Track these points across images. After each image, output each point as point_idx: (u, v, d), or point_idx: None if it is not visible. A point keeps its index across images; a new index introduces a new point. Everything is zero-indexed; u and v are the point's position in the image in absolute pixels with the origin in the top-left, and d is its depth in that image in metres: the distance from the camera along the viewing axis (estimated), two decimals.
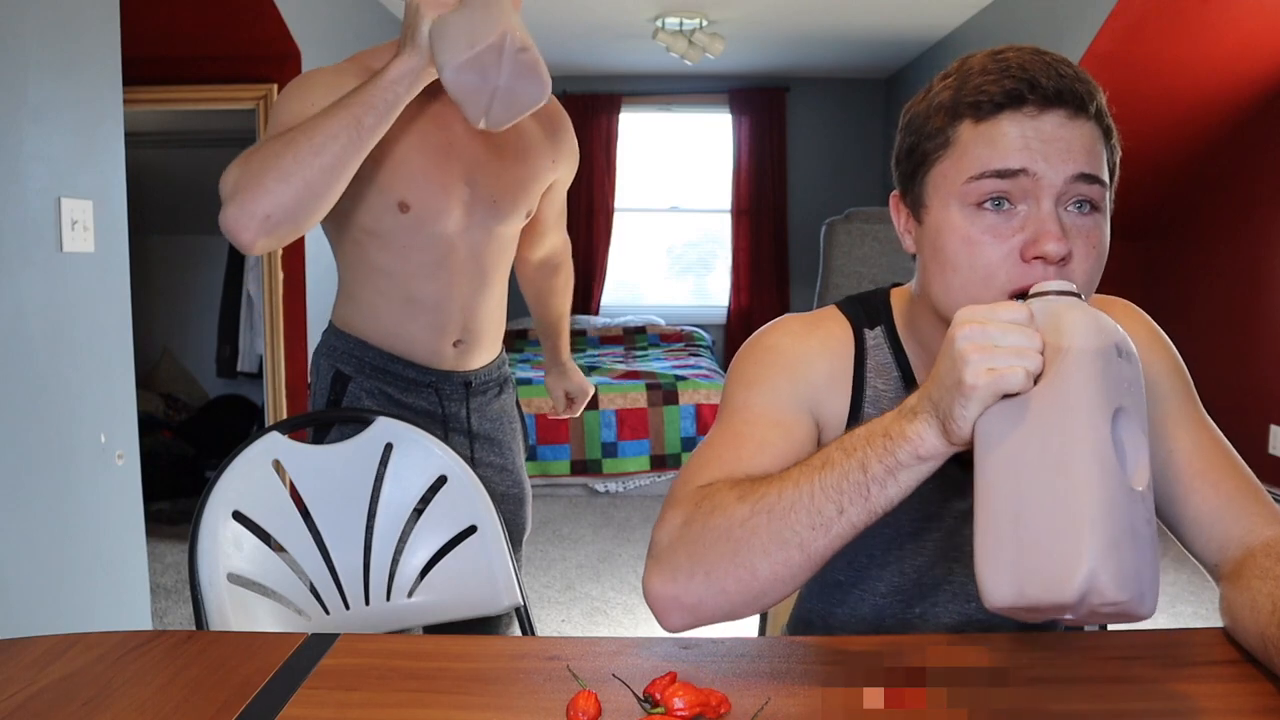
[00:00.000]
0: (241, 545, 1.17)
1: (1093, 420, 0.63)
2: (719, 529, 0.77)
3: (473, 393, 1.52)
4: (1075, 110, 0.78)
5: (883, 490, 0.72)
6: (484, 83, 1.18)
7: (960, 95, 0.81)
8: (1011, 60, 0.79)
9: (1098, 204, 0.80)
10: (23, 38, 1.75)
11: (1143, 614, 0.64)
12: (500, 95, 1.21)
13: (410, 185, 1.35)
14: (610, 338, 5.65)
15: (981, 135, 0.79)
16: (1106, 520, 0.62)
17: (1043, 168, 0.77)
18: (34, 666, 0.80)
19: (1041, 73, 0.78)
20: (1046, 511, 0.63)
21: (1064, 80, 0.78)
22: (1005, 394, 0.65)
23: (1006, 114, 0.78)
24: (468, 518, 1.29)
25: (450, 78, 1.17)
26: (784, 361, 0.92)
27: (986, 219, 0.79)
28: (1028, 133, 0.78)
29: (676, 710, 0.69)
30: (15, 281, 1.75)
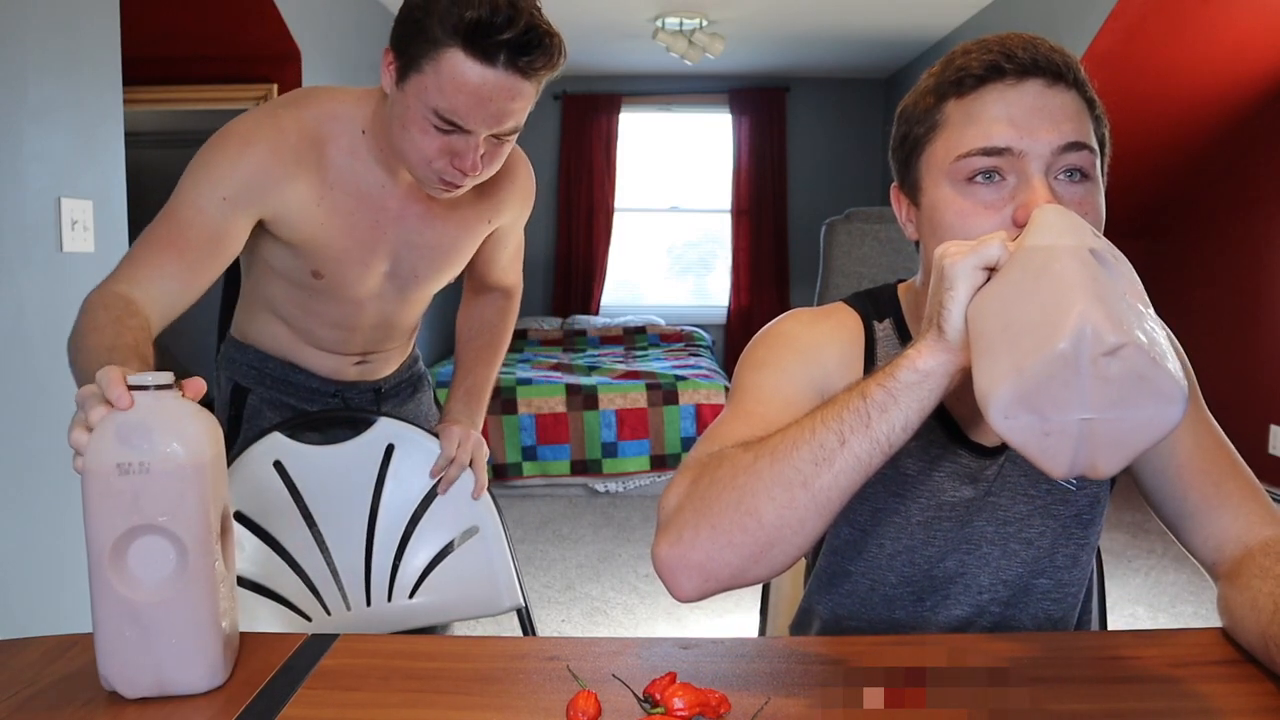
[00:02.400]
0: (243, 546, 1.17)
1: (1067, 241, 0.64)
2: (724, 480, 0.75)
3: (383, 397, 1.47)
4: (1053, 78, 0.81)
5: (884, 414, 0.70)
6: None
7: (944, 76, 0.85)
8: (990, 39, 0.84)
9: (1088, 172, 0.82)
10: (23, 38, 1.75)
11: (1160, 373, 0.58)
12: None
13: (328, 262, 1.25)
14: (610, 338, 5.65)
15: (965, 111, 0.83)
16: (1093, 288, 0.60)
17: (1028, 143, 0.80)
18: (34, 667, 0.80)
19: (1018, 46, 0.82)
20: (1036, 311, 0.61)
21: (1039, 51, 0.81)
22: (986, 267, 0.67)
23: (987, 86, 0.82)
24: (469, 519, 1.29)
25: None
26: (795, 345, 0.93)
27: (978, 192, 0.82)
28: (1011, 104, 0.81)
29: (676, 710, 0.69)
30: (15, 281, 1.75)
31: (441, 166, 1.11)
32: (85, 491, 0.72)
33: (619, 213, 6.11)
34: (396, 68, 1.10)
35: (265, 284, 1.33)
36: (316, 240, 1.22)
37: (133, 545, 0.73)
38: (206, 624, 0.75)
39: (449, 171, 1.12)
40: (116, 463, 0.71)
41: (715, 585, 0.76)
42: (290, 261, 1.26)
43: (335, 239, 1.23)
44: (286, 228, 1.20)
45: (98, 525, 0.72)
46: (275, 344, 1.39)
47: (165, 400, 0.74)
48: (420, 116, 1.08)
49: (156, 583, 0.73)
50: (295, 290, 1.31)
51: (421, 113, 1.08)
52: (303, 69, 3.27)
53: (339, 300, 1.31)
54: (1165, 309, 0.80)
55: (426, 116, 1.08)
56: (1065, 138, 0.80)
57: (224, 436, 1.11)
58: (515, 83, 1.06)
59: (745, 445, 0.78)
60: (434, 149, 1.10)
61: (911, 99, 0.88)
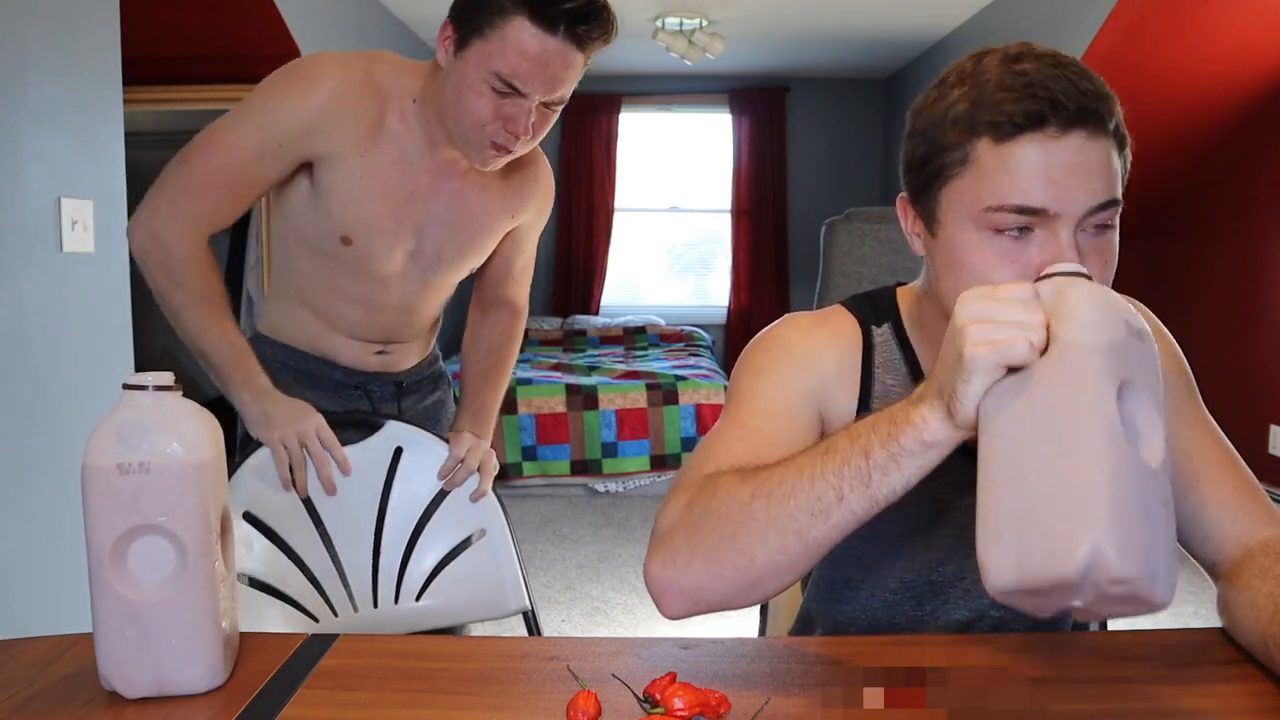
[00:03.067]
0: (252, 546, 1.17)
1: (1097, 390, 0.60)
2: (719, 512, 0.76)
3: (404, 392, 1.50)
4: (1095, 128, 0.76)
5: (884, 477, 0.69)
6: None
7: (978, 111, 0.77)
8: (1031, 74, 0.76)
9: (1112, 223, 0.79)
10: (23, 38, 1.75)
11: (1156, 597, 0.59)
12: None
13: (358, 225, 1.29)
14: (610, 338, 5.65)
15: (1001, 158, 0.77)
16: (1111, 491, 0.58)
17: (1063, 205, 0.76)
18: (34, 667, 0.80)
19: (1063, 90, 0.75)
20: (1049, 486, 0.60)
21: (1085, 98, 0.75)
22: (1008, 366, 0.63)
23: (1027, 136, 0.75)
24: (476, 521, 1.29)
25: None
26: (792, 353, 0.92)
27: (1003, 244, 0.78)
28: (1050, 159, 0.75)
29: (676, 710, 0.69)
30: (15, 281, 1.75)
31: (494, 130, 1.19)
32: (85, 491, 0.72)
33: (619, 213, 6.11)
34: (455, 39, 1.18)
35: (295, 263, 1.37)
36: (350, 195, 1.26)
37: (133, 545, 0.73)
38: (206, 624, 0.75)
39: (501, 134, 1.19)
40: (116, 463, 0.71)
41: (703, 609, 0.77)
42: (322, 224, 1.30)
43: (369, 199, 1.27)
44: (326, 172, 1.25)
45: (98, 525, 0.72)
46: (302, 335, 1.41)
47: (165, 400, 0.74)
48: (479, 80, 1.16)
49: (156, 583, 0.73)
50: (323, 263, 1.34)
51: (481, 76, 1.16)
52: None
53: (365, 276, 1.34)
54: (1165, 309, 0.80)
55: (486, 79, 1.15)
56: (1098, 198, 0.76)
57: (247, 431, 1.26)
58: (571, 52, 1.16)
59: (741, 475, 0.77)
60: (489, 112, 1.17)
61: (937, 116, 0.81)
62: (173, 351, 5.30)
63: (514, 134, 1.18)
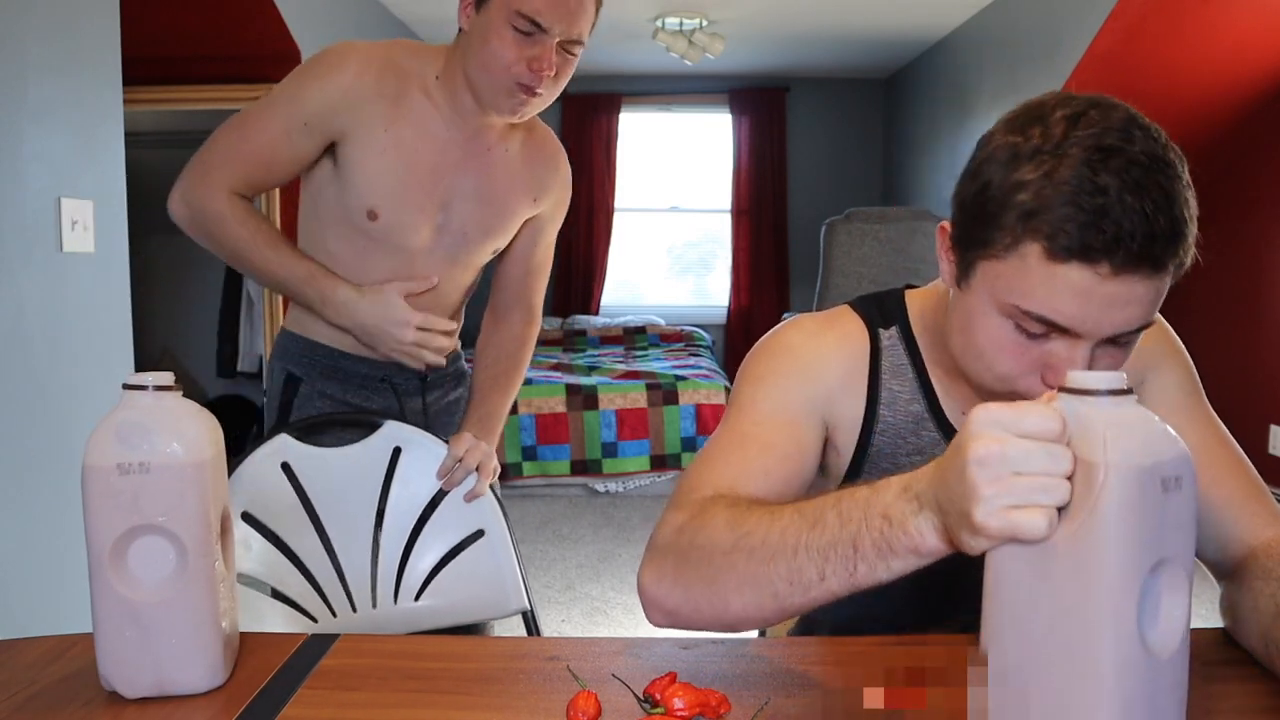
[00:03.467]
0: (250, 547, 1.17)
1: (1118, 586, 0.54)
2: (702, 551, 0.75)
3: (429, 387, 1.50)
4: (1153, 270, 0.72)
5: (871, 571, 0.66)
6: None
7: (1041, 214, 0.72)
8: (1110, 197, 0.70)
9: (1134, 338, 0.77)
10: (23, 38, 1.75)
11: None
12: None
13: (385, 198, 1.32)
14: (610, 338, 5.65)
15: (1047, 272, 0.72)
16: (1117, 694, 0.54)
17: (1090, 329, 0.74)
18: (34, 667, 0.80)
19: (1133, 228, 0.70)
20: (1055, 687, 0.56)
21: (1154, 243, 0.70)
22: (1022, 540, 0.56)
23: (1078, 262, 0.71)
24: (475, 522, 1.29)
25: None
26: (797, 361, 0.91)
27: (1019, 337, 0.77)
28: (1094, 290, 0.72)
29: (676, 710, 0.69)
30: (15, 281, 1.75)
31: (519, 71, 1.24)
32: (85, 491, 0.72)
33: (619, 213, 6.11)
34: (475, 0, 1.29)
35: (325, 245, 1.38)
36: (376, 168, 1.31)
37: (133, 545, 0.73)
38: (206, 624, 0.75)
39: (526, 75, 1.24)
40: (116, 462, 0.71)
41: (684, 628, 0.79)
42: (349, 200, 1.33)
43: (394, 171, 1.32)
44: (352, 148, 1.30)
45: (98, 525, 0.72)
46: (328, 327, 1.41)
47: (165, 400, 0.74)
48: (502, 23, 1.23)
49: (156, 583, 0.73)
50: (352, 241, 1.36)
51: (504, 18, 1.23)
52: None
53: (392, 251, 1.36)
54: (1165, 308, 0.80)
55: (509, 20, 1.22)
56: (1130, 325, 0.74)
57: (275, 423, 1.35)
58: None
59: (730, 515, 0.76)
60: (513, 54, 1.23)
61: (1000, 181, 0.75)
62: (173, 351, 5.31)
63: (538, 73, 1.23)
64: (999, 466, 0.55)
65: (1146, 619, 0.55)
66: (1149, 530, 0.54)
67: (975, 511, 0.56)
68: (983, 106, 4.28)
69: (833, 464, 0.95)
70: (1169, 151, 0.74)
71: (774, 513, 0.73)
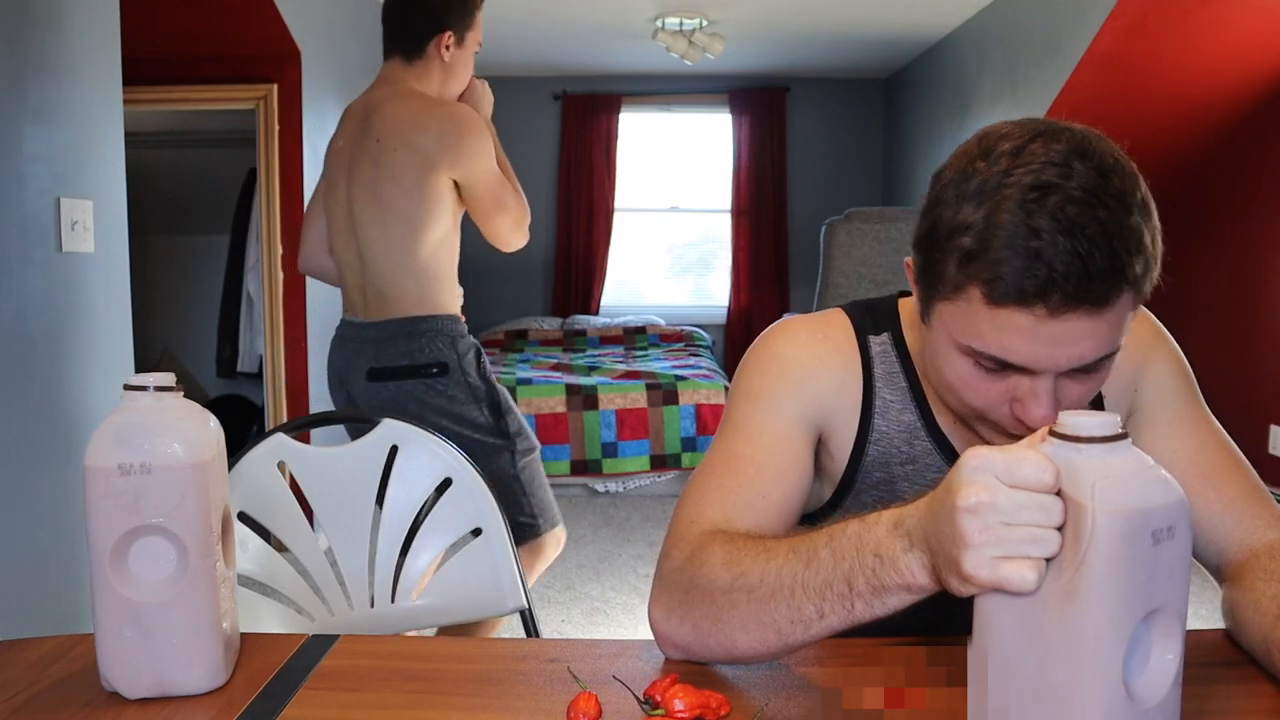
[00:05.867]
0: (247, 546, 1.17)
1: (1104, 636, 0.53)
2: (704, 590, 0.77)
3: None
4: (1096, 308, 0.71)
5: (868, 608, 0.67)
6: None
7: (978, 259, 0.72)
8: (1044, 242, 0.69)
9: (1104, 368, 0.77)
10: (23, 38, 1.75)
11: None
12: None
13: None
14: (610, 338, 5.64)
15: (990, 315, 0.73)
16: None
17: (1045, 364, 0.74)
18: (35, 667, 0.80)
19: (1067, 270, 0.69)
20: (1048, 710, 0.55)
21: (1091, 282, 0.69)
22: (1009, 592, 0.56)
23: (1015, 307, 0.71)
24: (473, 520, 1.28)
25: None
26: (790, 374, 0.91)
27: (981, 372, 0.78)
28: (1037, 331, 0.72)
29: (677, 712, 0.69)
30: (15, 281, 1.75)
31: None
32: (86, 492, 0.72)
33: (619, 213, 6.11)
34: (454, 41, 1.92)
35: (450, 250, 1.92)
36: None
37: (133, 546, 0.73)
38: (207, 624, 0.75)
39: None
40: (117, 463, 0.71)
41: (698, 661, 0.80)
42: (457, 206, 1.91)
43: None
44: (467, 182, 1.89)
45: (98, 525, 0.72)
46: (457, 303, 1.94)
47: (166, 401, 0.74)
48: None
49: (157, 583, 0.73)
50: (455, 236, 1.93)
51: None
52: (303, 69, 3.27)
53: None
54: (1165, 308, 0.80)
55: None
56: (1084, 359, 0.74)
57: (486, 390, 1.92)
58: None
59: (727, 549, 0.77)
60: None
61: (945, 222, 0.75)
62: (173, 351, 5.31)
63: None
64: (989, 516, 0.55)
65: (1134, 667, 0.55)
66: (1138, 581, 0.53)
67: (964, 560, 0.56)
68: (983, 106, 4.28)
69: (828, 470, 0.95)
70: (1114, 177, 0.72)
71: (769, 551, 0.74)
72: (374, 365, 1.87)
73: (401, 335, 1.86)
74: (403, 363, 1.85)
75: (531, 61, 5.48)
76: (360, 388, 1.90)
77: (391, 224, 1.85)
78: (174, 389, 0.75)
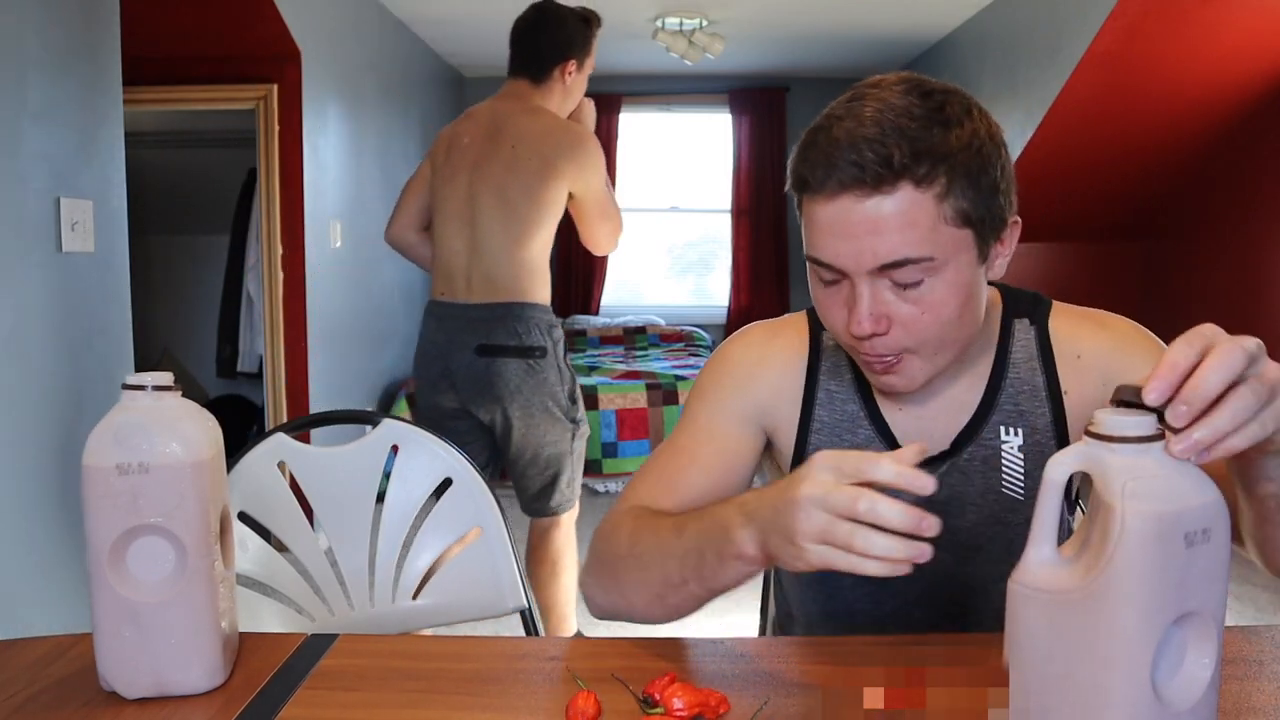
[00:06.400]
0: (247, 546, 1.17)
1: (1131, 637, 0.53)
2: (611, 558, 0.88)
3: None
4: (865, 189, 0.75)
5: (715, 577, 0.76)
6: None
7: (793, 160, 0.81)
8: (826, 131, 0.77)
9: (921, 279, 0.78)
10: (23, 38, 1.75)
11: None
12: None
13: None
14: (610, 338, 5.64)
15: (808, 214, 0.80)
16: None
17: (847, 262, 0.78)
18: (34, 667, 0.80)
19: (844, 153, 0.75)
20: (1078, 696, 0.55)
21: (863, 167, 0.74)
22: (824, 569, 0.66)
23: (808, 196, 0.79)
24: (473, 520, 1.28)
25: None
26: (732, 377, 0.98)
27: (824, 287, 0.83)
28: (832, 220, 0.78)
29: (675, 710, 0.69)
30: (15, 281, 1.75)
31: None
32: (85, 492, 0.72)
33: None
34: None
35: (548, 249, 2.18)
36: None
37: (132, 545, 0.73)
38: (206, 624, 0.75)
39: None
40: (116, 463, 0.71)
41: (613, 619, 0.89)
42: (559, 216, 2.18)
43: None
44: None
45: (97, 525, 0.72)
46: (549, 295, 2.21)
47: (164, 401, 0.74)
48: None
49: (156, 583, 0.73)
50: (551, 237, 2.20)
51: None
52: (303, 69, 3.27)
53: None
54: (1165, 309, 0.80)
55: None
56: (880, 259, 0.77)
57: (569, 375, 2.24)
58: None
59: (634, 525, 0.87)
60: None
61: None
62: (173, 352, 5.31)
63: None
64: (816, 511, 0.64)
65: (1165, 670, 0.54)
66: (1168, 584, 0.53)
67: (794, 543, 0.65)
68: None
69: (778, 461, 1.00)
70: (935, 96, 0.77)
71: (661, 525, 0.84)
72: (484, 342, 2.14)
73: (510, 317, 2.13)
74: (511, 343, 2.13)
75: None
76: (464, 361, 2.15)
77: (511, 221, 2.12)
78: (172, 388, 0.75)
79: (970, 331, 0.85)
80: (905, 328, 0.80)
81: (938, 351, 0.84)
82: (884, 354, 0.83)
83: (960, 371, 0.93)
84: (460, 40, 4.95)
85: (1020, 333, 0.94)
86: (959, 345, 0.85)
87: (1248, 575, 3.12)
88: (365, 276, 4.08)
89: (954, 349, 0.85)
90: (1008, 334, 0.94)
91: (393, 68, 4.45)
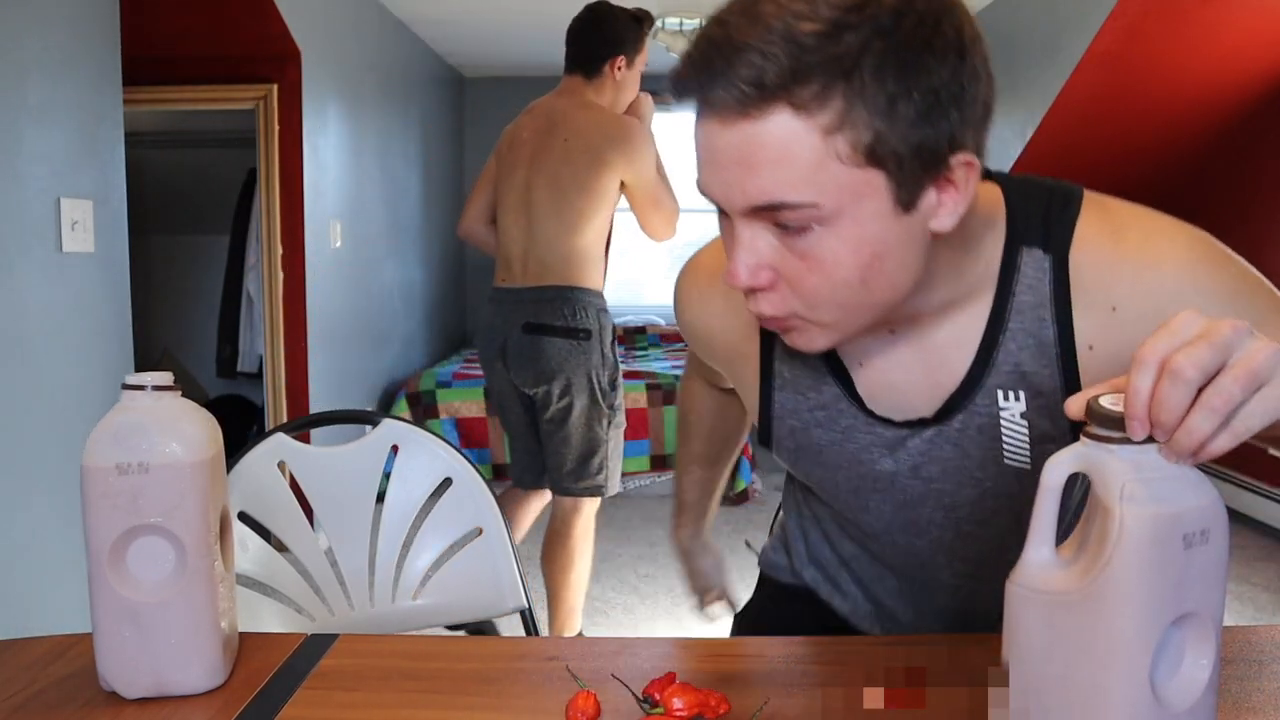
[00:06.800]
0: (247, 546, 1.17)
1: (1130, 638, 0.53)
2: None
3: None
4: (734, 112, 0.60)
5: None
6: None
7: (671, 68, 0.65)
8: (700, 38, 0.62)
9: (802, 225, 0.63)
10: (23, 38, 1.75)
11: None
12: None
13: None
14: None
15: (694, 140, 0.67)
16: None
17: (717, 195, 0.65)
18: (34, 667, 0.80)
19: (710, 61, 0.60)
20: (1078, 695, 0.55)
21: (714, 78, 0.59)
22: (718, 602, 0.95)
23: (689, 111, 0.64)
24: (473, 520, 1.28)
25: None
26: (693, 340, 0.99)
27: (720, 220, 0.70)
28: (700, 144, 0.64)
29: (675, 710, 0.69)
30: (15, 281, 1.75)
31: None
32: (84, 491, 0.72)
33: (619, 212, 6.07)
34: None
35: (603, 237, 2.36)
36: None
37: (132, 545, 0.73)
38: (205, 624, 0.75)
39: None
40: (115, 463, 0.71)
41: None
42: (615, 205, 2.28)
43: None
44: None
45: (97, 525, 0.72)
46: (603, 281, 2.37)
47: (164, 400, 0.74)
48: None
49: (155, 583, 0.73)
50: (608, 225, 2.34)
51: None
52: (303, 69, 3.27)
53: None
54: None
55: None
56: (750, 200, 0.62)
57: (612, 362, 2.37)
58: None
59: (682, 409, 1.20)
60: None
61: None
62: (173, 351, 5.31)
63: None
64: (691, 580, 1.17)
65: (1164, 672, 0.55)
66: (1167, 585, 0.53)
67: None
68: None
69: (748, 408, 0.94)
70: None
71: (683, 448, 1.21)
72: (531, 320, 2.26)
73: (559, 299, 2.26)
74: (558, 323, 2.25)
75: (533, 61, 5.47)
76: (515, 338, 2.28)
77: (565, 210, 2.25)
78: (172, 388, 0.75)
79: (887, 297, 0.67)
80: (792, 286, 0.66)
81: (838, 320, 0.68)
82: (771, 315, 0.68)
83: (942, 318, 0.76)
84: (460, 40, 4.95)
85: (1029, 267, 0.74)
86: (873, 310, 0.68)
87: (1247, 575, 3.12)
88: (365, 276, 4.08)
89: (864, 315, 0.69)
90: (1011, 269, 0.74)
91: (393, 68, 4.45)
